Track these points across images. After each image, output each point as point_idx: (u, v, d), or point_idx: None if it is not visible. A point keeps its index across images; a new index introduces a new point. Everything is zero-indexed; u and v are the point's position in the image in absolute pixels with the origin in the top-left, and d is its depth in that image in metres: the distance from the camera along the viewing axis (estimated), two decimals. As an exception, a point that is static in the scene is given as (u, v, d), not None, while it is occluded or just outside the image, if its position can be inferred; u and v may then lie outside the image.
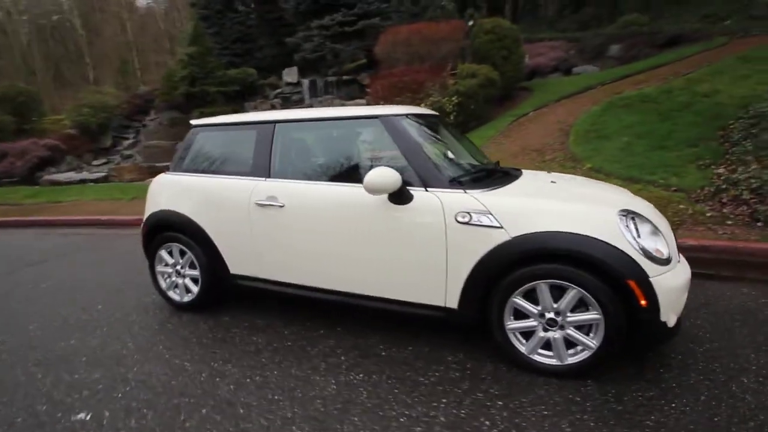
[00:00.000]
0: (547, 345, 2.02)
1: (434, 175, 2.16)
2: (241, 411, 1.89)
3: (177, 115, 14.90)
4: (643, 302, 1.80)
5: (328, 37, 15.06)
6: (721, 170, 5.10)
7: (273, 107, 14.27)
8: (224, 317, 2.85)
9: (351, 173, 2.38)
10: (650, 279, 1.80)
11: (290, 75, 15.00)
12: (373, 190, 2.07)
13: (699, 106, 6.90)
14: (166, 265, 2.99)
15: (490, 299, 2.04)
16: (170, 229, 2.88)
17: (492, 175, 2.42)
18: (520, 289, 1.98)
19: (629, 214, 1.93)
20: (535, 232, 1.90)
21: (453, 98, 8.78)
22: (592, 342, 1.92)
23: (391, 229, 2.19)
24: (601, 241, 1.83)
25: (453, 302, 2.13)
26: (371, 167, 2.50)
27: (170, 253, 2.95)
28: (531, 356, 2.04)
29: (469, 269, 2.04)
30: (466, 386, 1.99)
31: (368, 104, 10.23)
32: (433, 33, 10.27)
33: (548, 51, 13.27)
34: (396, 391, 1.98)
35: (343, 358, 2.28)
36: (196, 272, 2.86)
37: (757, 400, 1.78)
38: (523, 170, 2.69)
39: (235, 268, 2.72)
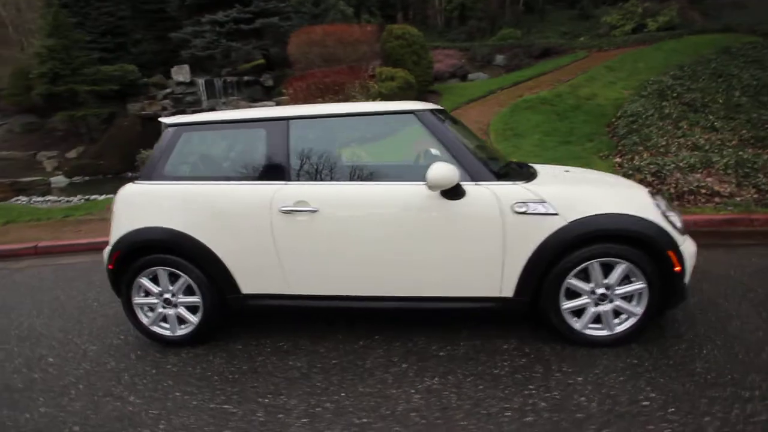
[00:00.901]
0: (595, 319, 2.21)
1: (480, 168, 2.19)
2: (333, 443, 1.67)
3: (34, 119, 12.23)
4: (677, 269, 2.09)
5: (222, 34, 13.95)
6: (618, 159, 6.16)
7: (164, 109, 12.71)
8: (235, 345, 2.46)
9: (392, 171, 2.27)
10: (680, 248, 2.10)
11: (181, 74, 13.50)
12: (436, 186, 2.01)
13: (586, 107, 8.20)
14: (148, 295, 2.46)
15: (545, 283, 2.15)
16: (155, 250, 2.37)
17: (521, 168, 2.54)
18: (574, 271, 2.12)
19: (654, 193, 2.22)
20: (589, 216, 2.06)
21: (377, 100, 8.91)
22: (637, 309, 2.16)
23: (445, 226, 2.15)
24: (644, 219, 2.07)
25: (509, 291, 2.19)
26: (413, 164, 2.44)
27: (154, 280, 2.43)
28: (584, 331, 2.21)
29: (527, 257, 2.12)
30: (540, 369, 2.06)
31: (286, 105, 9.77)
32: (348, 35, 10.28)
33: (444, 58, 14.30)
34: (481, 387, 1.96)
35: (404, 365, 2.16)
36: (194, 298, 2.41)
37: (744, 333, 2.21)
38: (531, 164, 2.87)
39: (248, 287, 2.36)
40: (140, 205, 2.41)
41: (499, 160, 2.70)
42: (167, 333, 2.49)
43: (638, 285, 2.12)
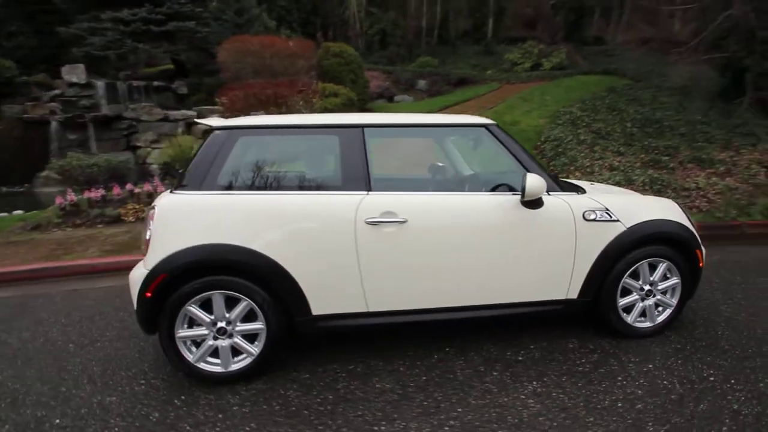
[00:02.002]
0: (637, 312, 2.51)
1: (549, 180, 2.37)
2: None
3: None
4: (701, 264, 2.50)
5: (128, 33, 12.46)
6: (553, 178, 7.07)
7: (53, 113, 10.78)
8: (299, 374, 2.20)
9: (472, 181, 2.32)
10: (702, 247, 2.52)
11: (74, 74, 11.62)
12: (532, 196, 2.13)
13: (512, 131, 9.19)
14: (194, 325, 2.08)
15: (605, 284, 2.39)
16: (214, 271, 2.03)
17: (564, 180, 2.79)
18: (629, 271, 2.40)
19: (677, 202, 2.64)
20: (642, 222, 2.37)
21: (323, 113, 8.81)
22: (672, 301, 2.52)
23: (527, 234, 2.27)
24: (681, 223, 2.45)
25: (574, 293, 2.38)
26: (481, 174, 2.51)
27: (203, 307, 2.07)
28: (634, 325, 2.49)
29: (593, 260, 2.34)
30: (614, 363, 2.26)
31: (222, 115, 9.06)
32: (285, 48, 10.01)
33: (372, 79, 14.73)
34: (579, 384, 2.08)
35: (495, 373, 2.18)
36: (256, 324, 2.11)
37: (737, 315, 2.74)
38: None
39: (321, 307, 2.16)
40: (192, 218, 2.05)
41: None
42: (217, 369, 2.12)
43: (674, 280, 2.48)
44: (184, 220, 2.05)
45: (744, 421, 1.79)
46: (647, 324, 2.51)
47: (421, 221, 2.15)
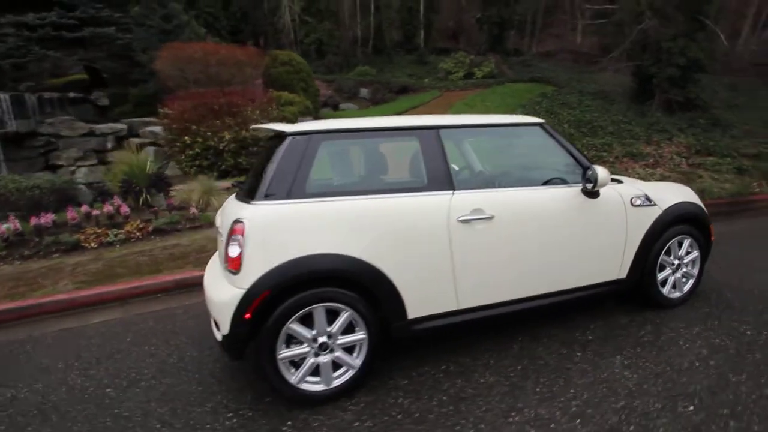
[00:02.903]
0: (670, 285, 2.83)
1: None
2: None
3: None
4: (713, 238, 2.91)
5: (34, 39, 10.96)
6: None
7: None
8: (396, 381, 2.14)
9: (539, 176, 2.45)
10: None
11: (-33, 85, 9.87)
12: (602, 185, 2.32)
13: (467, 135, 9.71)
14: (294, 344, 1.93)
15: (648, 262, 2.67)
16: (317, 284, 1.90)
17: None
18: (664, 249, 2.71)
19: None
20: (673, 205, 2.69)
21: (282, 122, 8.53)
22: (694, 271, 2.88)
23: (590, 221, 2.45)
24: (699, 205, 2.83)
25: (624, 273, 2.62)
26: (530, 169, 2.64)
27: (304, 323, 1.93)
28: (669, 296, 2.81)
29: (639, 240, 2.60)
30: (668, 331, 2.53)
31: (168, 127, 8.36)
32: (232, 56, 9.51)
33: (314, 88, 14.56)
34: (655, 353, 2.29)
35: (579, 354, 2.32)
36: (358, 335, 2.02)
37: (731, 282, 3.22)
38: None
39: (416, 309, 2.12)
40: (290, 229, 1.91)
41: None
42: (319, 387, 1.99)
43: (695, 254, 2.85)
44: (281, 231, 1.90)
45: (795, 362, 2.13)
46: (677, 294, 2.85)
47: (507, 216, 2.23)
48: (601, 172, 2.30)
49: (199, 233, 5.15)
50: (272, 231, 1.89)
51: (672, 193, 2.79)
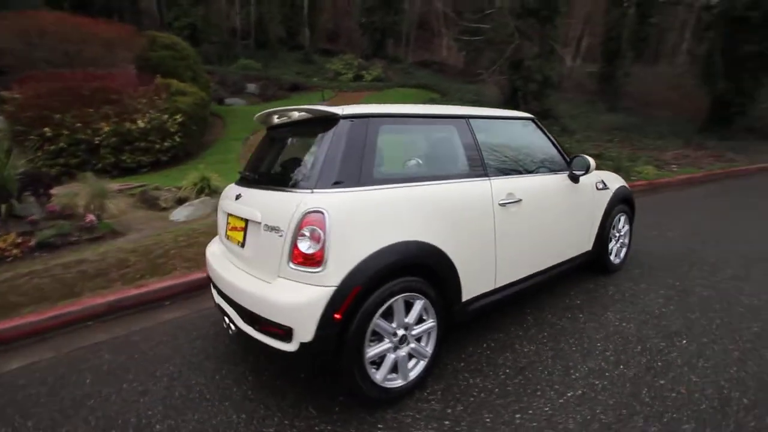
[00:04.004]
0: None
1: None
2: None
3: None
4: (634, 210, 3.67)
5: None
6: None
7: None
8: (454, 365, 2.17)
9: (540, 164, 2.74)
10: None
11: None
12: (592, 171, 2.73)
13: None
14: (376, 341, 1.81)
15: (604, 234, 3.24)
16: (401, 273, 1.81)
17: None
18: (612, 224, 3.32)
19: None
20: (617, 188, 3.32)
21: (177, 116, 7.52)
22: (626, 240, 3.58)
23: (575, 202, 2.87)
24: (628, 188, 3.53)
25: (590, 245, 3.13)
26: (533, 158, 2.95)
27: (385, 316, 1.82)
28: (614, 261, 3.44)
29: (600, 217, 3.15)
30: (626, 290, 3.12)
31: (16, 115, 6.58)
32: (96, 31, 7.92)
33: (194, 79, 13.12)
34: (638, 309, 2.82)
35: (583, 318, 2.70)
36: (428, 324, 1.99)
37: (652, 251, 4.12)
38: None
39: (468, 291, 2.18)
40: (370, 217, 1.76)
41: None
42: (399, 383, 1.90)
43: (628, 227, 3.57)
44: (362, 220, 1.75)
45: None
46: (618, 260, 3.51)
47: (530, 199, 2.47)
48: (591, 160, 2.73)
49: (105, 245, 4.26)
50: (354, 220, 1.74)
51: (614, 180, 3.43)
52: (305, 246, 1.69)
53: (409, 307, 1.91)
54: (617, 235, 3.42)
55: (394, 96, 13.62)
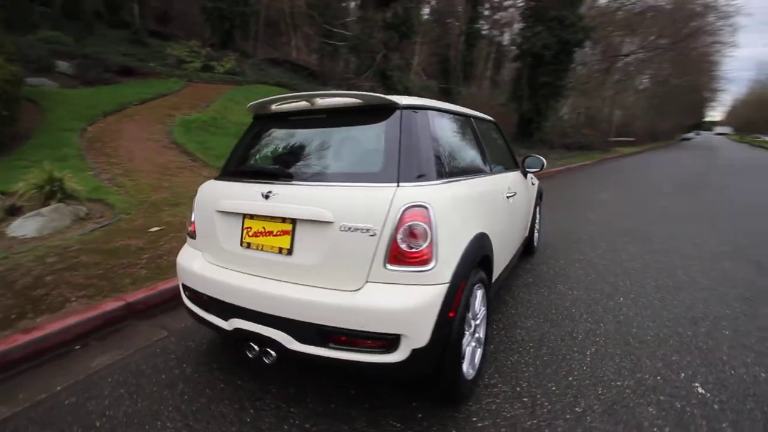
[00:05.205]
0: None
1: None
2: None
3: None
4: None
5: None
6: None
7: None
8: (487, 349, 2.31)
9: (510, 161, 3.10)
10: (537, 196, 4.49)
11: None
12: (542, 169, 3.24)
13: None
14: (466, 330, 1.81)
15: (533, 223, 3.86)
16: (480, 264, 1.85)
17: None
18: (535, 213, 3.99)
19: None
20: (537, 184, 4.00)
21: (-18, 95, 5.49)
22: (538, 227, 4.34)
23: (526, 195, 3.35)
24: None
25: (527, 232, 3.70)
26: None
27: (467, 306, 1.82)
28: (535, 244, 4.12)
29: (532, 208, 3.75)
30: (561, 267, 3.78)
31: None
32: None
33: (-28, 46, 9.72)
34: (570, 279, 3.44)
35: (544, 291, 3.17)
36: (483, 310, 2.06)
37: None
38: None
39: (495, 274, 2.34)
40: (458, 211, 1.76)
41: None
42: (471, 374, 1.91)
43: (539, 215, 4.32)
44: (455, 214, 1.74)
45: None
46: (536, 243, 4.23)
47: (517, 192, 2.80)
48: (544, 159, 3.24)
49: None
50: (450, 214, 1.70)
51: (535, 177, 4.12)
52: (408, 244, 1.56)
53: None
54: (537, 223, 4.12)
55: (257, 93, 12.76)
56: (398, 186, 1.63)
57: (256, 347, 1.73)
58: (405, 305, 1.53)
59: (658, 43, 19.96)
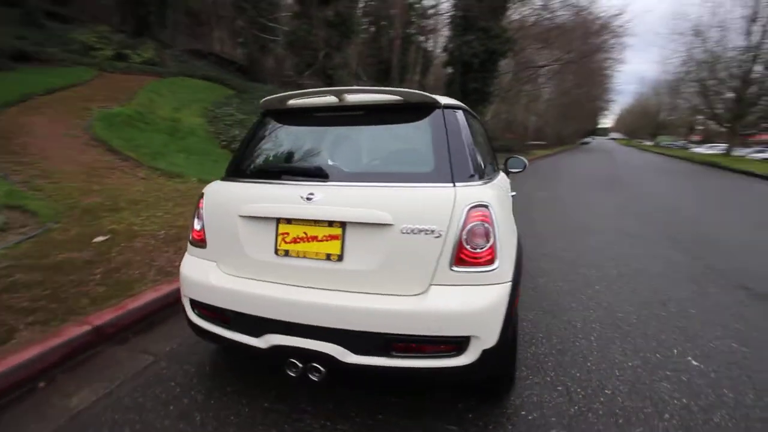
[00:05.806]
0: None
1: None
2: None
3: None
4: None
5: None
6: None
7: None
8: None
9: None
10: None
11: None
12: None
13: (184, 129, 8.42)
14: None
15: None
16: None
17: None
18: (507, 211, 4.20)
19: None
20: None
21: None
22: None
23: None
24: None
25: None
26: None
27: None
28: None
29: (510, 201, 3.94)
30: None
31: None
32: None
33: None
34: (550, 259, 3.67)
35: (541, 281, 3.34)
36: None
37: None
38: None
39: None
40: (506, 210, 1.88)
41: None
42: (509, 367, 1.95)
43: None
44: (506, 212, 1.77)
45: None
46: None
47: (512, 191, 2.91)
48: (526, 160, 3.40)
49: None
50: (502, 213, 1.70)
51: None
52: (472, 245, 1.54)
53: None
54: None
55: (182, 86, 11.73)
56: (455, 186, 1.60)
57: (299, 364, 1.58)
58: (477, 306, 1.50)
59: (567, 56, 22.27)
